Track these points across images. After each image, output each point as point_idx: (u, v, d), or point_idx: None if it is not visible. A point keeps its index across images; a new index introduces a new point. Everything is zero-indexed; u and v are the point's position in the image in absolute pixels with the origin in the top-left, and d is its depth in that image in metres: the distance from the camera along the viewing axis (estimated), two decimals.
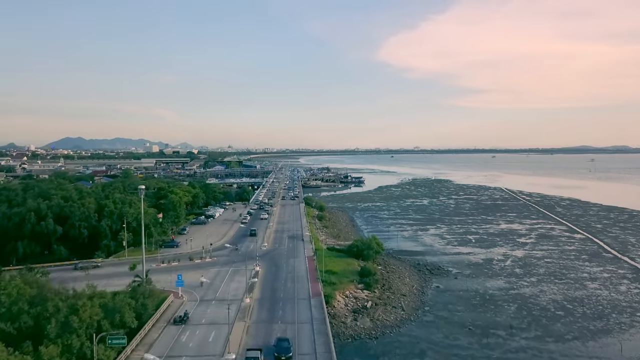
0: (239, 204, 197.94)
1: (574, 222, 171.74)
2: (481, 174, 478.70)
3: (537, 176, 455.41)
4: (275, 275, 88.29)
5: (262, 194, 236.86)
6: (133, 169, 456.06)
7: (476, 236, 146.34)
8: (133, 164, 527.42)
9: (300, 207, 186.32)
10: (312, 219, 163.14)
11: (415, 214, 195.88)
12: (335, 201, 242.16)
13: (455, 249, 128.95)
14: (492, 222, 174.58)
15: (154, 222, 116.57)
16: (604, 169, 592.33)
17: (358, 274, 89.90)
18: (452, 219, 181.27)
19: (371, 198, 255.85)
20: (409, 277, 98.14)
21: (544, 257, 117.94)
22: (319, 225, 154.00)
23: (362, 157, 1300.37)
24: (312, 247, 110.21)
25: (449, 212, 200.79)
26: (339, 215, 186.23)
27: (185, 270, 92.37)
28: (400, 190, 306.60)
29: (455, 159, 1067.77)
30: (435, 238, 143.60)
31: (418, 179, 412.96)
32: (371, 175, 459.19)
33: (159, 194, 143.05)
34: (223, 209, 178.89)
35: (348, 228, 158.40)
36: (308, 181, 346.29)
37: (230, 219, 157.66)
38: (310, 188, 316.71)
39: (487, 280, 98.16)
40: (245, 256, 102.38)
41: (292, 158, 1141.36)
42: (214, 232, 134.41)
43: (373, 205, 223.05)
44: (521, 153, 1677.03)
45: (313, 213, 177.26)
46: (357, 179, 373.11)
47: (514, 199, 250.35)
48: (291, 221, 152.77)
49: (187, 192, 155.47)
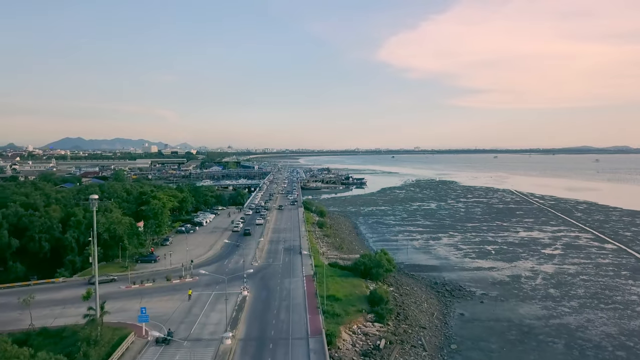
0: (233, 208, 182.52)
1: (599, 230, 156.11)
2: (486, 175, 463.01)
3: (545, 177, 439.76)
4: (266, 303, 72.69)
5: (258, 197, 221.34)
6: (127, 170, 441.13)
7: (495, 246, 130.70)
8: (128, 164, 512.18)
9: (298, 212, 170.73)
10: (311, 225, 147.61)
11: (423, 219, 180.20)
12: (337, 205, 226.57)
13: (474, 262, 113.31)
14: (509, 229, 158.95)
15: (129, 232, 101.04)
16: (610, 169, 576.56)
17: (367, 301, 74.22)
18: (464, 225, 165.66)
19: (375, 201, 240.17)
20: (426, 301, 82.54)
21: (578, 274, 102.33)
22: (319, 233, 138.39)
23: (362, 157, 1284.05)
24: (311, 263, 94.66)
25: (460, 217, 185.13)
26: (341, 221, 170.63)
27: (160, 294, 76.98)
28: (405, 192, 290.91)
29: (456, 159, 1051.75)
30: (450, 249, 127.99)
31: (422, 180, 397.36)
32: (373, 176, 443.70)
33: (140, 200, 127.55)
34: (214, 215, 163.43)
35: (352, 237, 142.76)
36: (308, 183, 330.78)
37: (221, 227, 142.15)
38: (309, 190, 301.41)
39: (519, 304, 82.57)
40: (235, 272, 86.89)
41: (291, 158, 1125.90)
42: (200, 242, 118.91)
43: (377, 210, 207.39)
44: (523, 153, 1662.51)
45: (313, 219, 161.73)
46: (358, 181, 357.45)
47: (527, 202, 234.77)
48: (288, 229, 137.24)
49: (172, 197, 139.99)
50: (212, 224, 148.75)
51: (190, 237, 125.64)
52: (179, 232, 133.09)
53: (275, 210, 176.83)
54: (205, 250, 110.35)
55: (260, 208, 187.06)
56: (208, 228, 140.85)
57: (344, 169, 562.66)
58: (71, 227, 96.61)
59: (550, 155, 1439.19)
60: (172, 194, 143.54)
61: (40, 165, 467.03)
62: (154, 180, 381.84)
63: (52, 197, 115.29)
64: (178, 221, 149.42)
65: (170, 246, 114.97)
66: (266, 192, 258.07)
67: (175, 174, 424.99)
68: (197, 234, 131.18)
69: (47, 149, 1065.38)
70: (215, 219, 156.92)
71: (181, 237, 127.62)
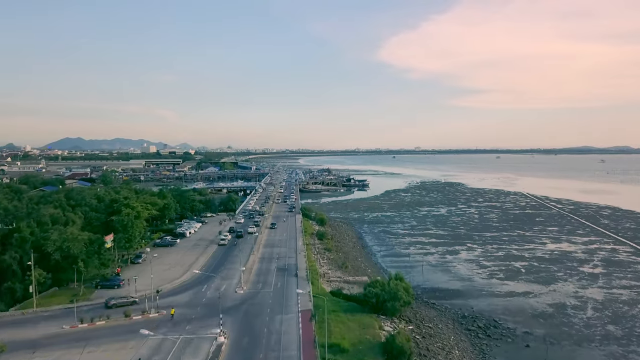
0: (224, 215, 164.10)
1: (635, 241, 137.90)
2: (493, 176, 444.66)
3: (555, 179, 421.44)
4: (249, 354, 54.30)
5: (253, 201, 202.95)
6: (119, 171, 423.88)
7: (523, 263, 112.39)
8: (121, 165, 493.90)
9: (296, 220, 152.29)
10: (310, 237, 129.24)
11: (435, 227, 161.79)
12: (338, 210, 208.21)
13: (504, 285, 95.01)
14: (533, 239, 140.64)
15: (88, 251, 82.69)
16: (620, 170, 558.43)
17: (382, 351, 55.76)
18: (482, 235, 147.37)
19: (379, 206, 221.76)
20: (457, 345, 64.23)
21: (635, 302, 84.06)
22: (319, 246, 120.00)
23: (362, 157, 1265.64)
24: (309, 291, 76.28)
25: (476, 225, 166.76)
26: (344, 230, 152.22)
27: (110, 340, 58.76)
28: (411, 195, 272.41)
29: (459, 160, 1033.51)
30: (472, 266, 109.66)
31: (427, 182, 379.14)
32: (375, 177, 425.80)
33: (110, 208, 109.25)
34: (201, 223, 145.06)
35: (356, 250, 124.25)
36: (307, 185, 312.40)
37: (206, 238, 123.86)
38: (309, 193, 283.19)
39: (576, 350, 64.34)
40: (214, 304, 68.68)
41: (291, 159, 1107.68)
42: (178, 260, 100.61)
43: (383, 216, 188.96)
44: (525, 153, 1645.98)
45: (312, 228, 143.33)
46: (361, 183, 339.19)
47: (544, 207, 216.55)
48: (284, 242, 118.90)
49: (150, 205, 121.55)
50: (197, 234, 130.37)
51: (169, 253, 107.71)
52: (158, 246, 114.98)
53: (270, 220, 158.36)
54: (181, 271, 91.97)
55: (254, 214, 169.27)
56: (191, 240, 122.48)
57: (344, 169, 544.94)
58: (13, 245, 78.34)
59: (552, 155, 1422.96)
60: (150, 200, 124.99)
61: (30, 166, 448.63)
62: (146, 181, 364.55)
63: (1, 206, 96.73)
64: (159, 232, 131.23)
65: (142, 265, 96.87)
66: (262, 194, 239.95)
67: (168, 175, 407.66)
68: (177, 248, 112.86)
69: (46, 149, 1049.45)
70: (201, 229, 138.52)
71: (159, 251, 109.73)
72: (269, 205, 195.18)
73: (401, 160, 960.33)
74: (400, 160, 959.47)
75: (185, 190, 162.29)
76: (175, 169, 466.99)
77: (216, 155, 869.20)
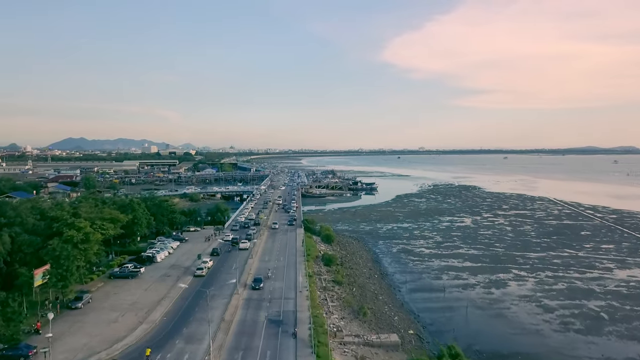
0: (211, 228, 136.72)
1: None
2: (509, 179, 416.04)
3: (576, 181, 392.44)
4: None
5: (248, 209, 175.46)
6: (110, 173, 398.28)
7: (598, 302, 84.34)
8: (114, 166, 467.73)
9: (297, 237, 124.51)
10: (315, 262, 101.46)
11: (466, 245, 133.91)
12: (346, 220, 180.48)
13: (592, 344, 66.89)
14: (592, 263, 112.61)
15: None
16: None
17: None
18: (526, 256, 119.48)
19: (393, 215, 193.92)
20: None
21: None
22: (326, 277, 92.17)
23: (366, 157, 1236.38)
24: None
25: (513, 241, 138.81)
26: (355, 250, 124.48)
27: None
28: (426, 201, 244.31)
29: (465, 160, 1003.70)
30: (531, 307, 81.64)
31: (439, 185, 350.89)
32: (382, 179, 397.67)
33: (50, 230, 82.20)
34: (180, 241, 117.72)
35: (374, 282, 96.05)
36: (310, 189, 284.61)
37: (181, 265, 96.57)
38: (312, 198, 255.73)
39: None
40: None
41: (294, 159, 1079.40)
42: (134, 302, 73.25)
43: (399, 229, 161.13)
44: (531, 154, 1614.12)
45: (317, 249, 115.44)
46: (369, 186, 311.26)
47: (582, 217, 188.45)
48: (280, 270, 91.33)
49: (109, 222, 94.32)
50: (170, 258, 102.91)
51: (127, 288, 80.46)
52: (116, 277, 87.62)
53: (266, 234, 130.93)
54: (132, 323, 64.50)
55: (248, 223, 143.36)
56: (161, 267, 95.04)
57: (349, 170, 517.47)
58: None
59: (559, 155, 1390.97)
60: (111, 216, 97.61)
61: (16, 167, 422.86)
62: (137, 184, 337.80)
63: None
64: (124, 255, 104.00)
65: (83, 311, 69.71)
66: (260, 200, 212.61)
67: (162, 177, 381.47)
68: (139, 281, 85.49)
69: (46, 149, 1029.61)
70: (178, 250, 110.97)
71: (116, 285, 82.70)
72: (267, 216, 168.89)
73: (406, 161, 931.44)
74: (405, 161, 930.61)
75: (162, 201, 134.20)
76: (170, 170, 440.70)
77: (218, 156, 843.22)
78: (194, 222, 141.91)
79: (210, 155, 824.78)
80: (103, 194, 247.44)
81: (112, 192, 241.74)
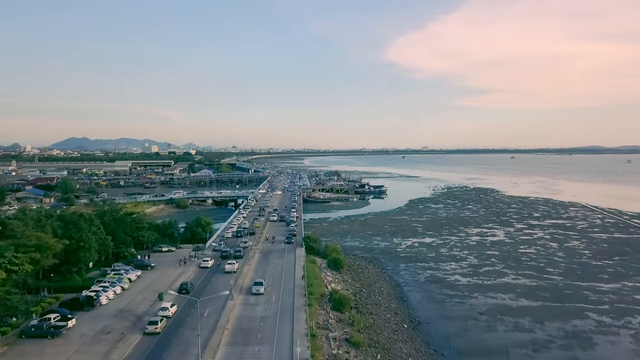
0: (189, 248, 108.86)
1: None
2: (526, 180, 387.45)
3: (599, 183, 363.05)
4: None
5: (239, 219, 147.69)
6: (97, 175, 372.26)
7: None
8: (104, 167, 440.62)
9: (296, 263, 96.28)
10: (320, 305, 73.28)
11: (509, 269, 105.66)
12: (356, 232, 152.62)
13: None
14: None
15: None
16: None
17: None
18: (595, 288, 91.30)
19: (410, 225, 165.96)
20: None
21: None
22: (336, 334, 63.89)
23: (369, 157, 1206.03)
24: None
25: (568, 265, 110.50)
26: (372, 280, 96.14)
27: None
28: (444, 208, 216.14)
29: (471, 160, 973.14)
30: None
31: (453, 187, 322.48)
32: (390, 181, 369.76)
33: None
34: (142, 270, 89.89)
35: (403, 336, 67.39)
36: (313, 192, 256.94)
37: (133, 310, 68.80)
38: (315, 203, 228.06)
39: None
40: None
41: (296, 159, 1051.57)
42: None
43: (421, 245, 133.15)
44: (536, 153, 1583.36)
45: (322, 278, 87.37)
46: (377, 189, 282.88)
47: (631, 227, 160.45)
48: (269, 321, 63.56)
49: (32, 249, 66.96)
50: (120, 299, 74.90)
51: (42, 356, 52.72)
52: (29, 336, 59.67)
53: (256, 257, 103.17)
54: None
55: (242, 232, 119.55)
56: (104, 315, 67.17)
57: (353, 171, 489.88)
58: None
59: (566, 155, 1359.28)
60: (38, 242, 70.18)
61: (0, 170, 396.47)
62: (126, 186, 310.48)
63: None
64: (60, 293, 76.25)
65: None
66: (256, 207, 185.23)
67: (153, 179, 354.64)
68: (61, 345, 57.66)
69: (47, 149, 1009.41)
70: (137, 283, 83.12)
71: (22, 354, 55.14)
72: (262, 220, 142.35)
73: (412, 161, 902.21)
74: (411, 161, 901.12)
75: (123, 216, 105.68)
76: (164, 171, 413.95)
77: (218, 156, 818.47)
78: (169, 240, 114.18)
79: (210, 155, 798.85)
80: (80, 198, 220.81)
81: (90, 198, 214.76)
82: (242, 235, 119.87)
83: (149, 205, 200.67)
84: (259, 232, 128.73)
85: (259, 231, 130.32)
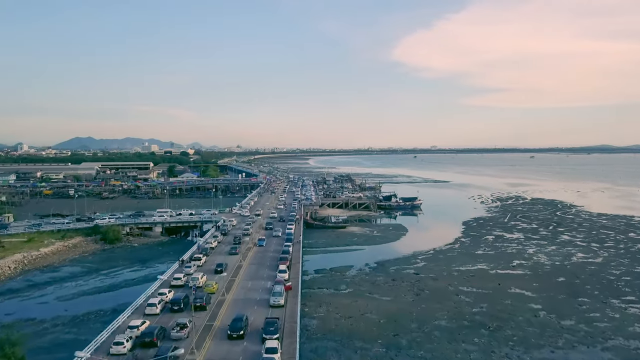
0: None
1: None
2: (588, 187, 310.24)
3: None
4: None
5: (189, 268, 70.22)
6: (57, 179, 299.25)
7: None
8: (65, 170, 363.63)
9: None
10: None
11: None
12: (407, 322, 74.50)
13: None
14: None
15: None
16: None
17: None
18: None
19: (504, 290, 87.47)
20: None
21: None
22: None
23: (378, 157, 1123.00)
24: None
25: None
26: None
27: None
28: (525, 240, 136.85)
29: (488, 160, 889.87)
30: None
31: (504, 198, 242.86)
32: (416, 186, 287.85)
33: None
34: None
35: None
36: (320, 210, 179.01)
37: None
38: (323, 230, 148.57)
39: None
40: None
41: (301, 159, 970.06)
42: None
43: None
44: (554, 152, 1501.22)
45: None
46: (409, 202, 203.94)
47: None
48: None
49: None
50: None
51: None
52: None
53: None
54: None
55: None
56: None
57: (366, 174, 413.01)
58: None
59: (585, 154, 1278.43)
60: None
61: None
62: (80, 197, 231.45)
63: None
64: None
65: None
66: (230, 240, 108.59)
67: (116, 186, 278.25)
68: None
69: (46, 148, 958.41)
70: None
71: None
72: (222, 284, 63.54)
73: (425, 161, 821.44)
74: (424, 161, 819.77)
75: None
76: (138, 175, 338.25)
77: (218, 156, 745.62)
78: None
79: (208, 155, 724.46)
80: None
81: None
82: None
83: (56, 238, 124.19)
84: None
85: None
